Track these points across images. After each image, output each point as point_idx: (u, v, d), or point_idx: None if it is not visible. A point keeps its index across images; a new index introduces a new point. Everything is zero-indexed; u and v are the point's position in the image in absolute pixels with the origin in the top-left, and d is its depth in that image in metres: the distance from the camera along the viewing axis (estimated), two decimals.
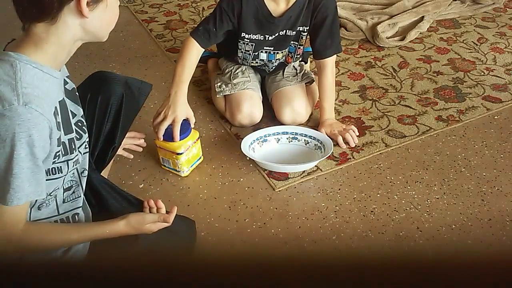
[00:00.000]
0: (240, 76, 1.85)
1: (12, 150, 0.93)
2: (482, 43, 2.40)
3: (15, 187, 0.96)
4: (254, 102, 1.81)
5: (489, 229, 1.45)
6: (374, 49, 2.36)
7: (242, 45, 1.80)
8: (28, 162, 0.96)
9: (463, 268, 0.69)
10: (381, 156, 1.73)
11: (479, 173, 1.65)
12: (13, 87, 0.95)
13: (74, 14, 1.00)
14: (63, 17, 0.99)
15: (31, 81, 0.97)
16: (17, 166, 0.95)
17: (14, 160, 0.94)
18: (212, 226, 1.46)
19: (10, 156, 0.94)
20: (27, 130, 0.93)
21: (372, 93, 2.05)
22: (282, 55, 1.85)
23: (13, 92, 0.94)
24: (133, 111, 1.42)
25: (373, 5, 2.66)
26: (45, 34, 1.01)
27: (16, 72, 0.97)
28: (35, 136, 0.95)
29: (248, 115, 1.80)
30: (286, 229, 1.46)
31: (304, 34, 1.79)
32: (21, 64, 0.98)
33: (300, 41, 1.82)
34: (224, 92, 1.83)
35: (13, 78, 0.96)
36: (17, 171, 0.95)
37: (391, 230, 1.45)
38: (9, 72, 0.96)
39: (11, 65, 0.97)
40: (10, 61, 0.98)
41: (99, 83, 1.35)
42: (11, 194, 0.96)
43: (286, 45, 1.82)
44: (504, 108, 1.95)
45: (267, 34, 1.76)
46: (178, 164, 1.62)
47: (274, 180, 1.62)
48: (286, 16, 1.71)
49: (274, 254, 1.39)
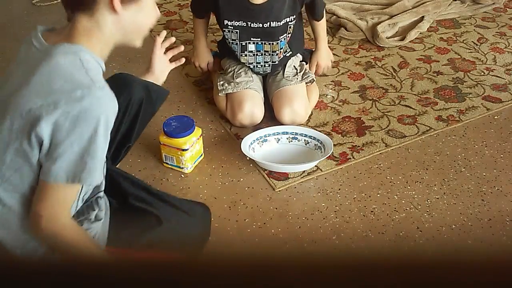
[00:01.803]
0: (243, 76, 1.85)
1: (94, 131, 0.98)
2: (482, 43, 2.40)
3: (91, 166, 1.00)
4: (255, 102, 1.81)
5: (489, 229, 1.45)
6: (374, 49, 2.36)
7: (228, 34, 1.81)
8: (103, 143, 1.01)
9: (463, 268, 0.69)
10: (381, 156, 1.73)
11: (479, 173, 1.65)
12: (86, 73, 1.00)
13: (108, 9, 1.04)
14: (99, 10, 1.04)
15: (94, 69, 1.03)
16: (95, 146, 0.99)
17: (93, 140, 0.99)
18: (212, 226, 1.46)
19: (92, 136, 0.98)
20: (105, 112, 0.99)
21: (372, 93, 2.05)
22: (271, 48, 1.83)
23: (88, 77, 0.99)
24: (149, 115, 1.47)
25: (373, 5, 2.66)
26: (89, 27, 1.05)
27: (82, 60, 1.01)
28: (110, 118, 1.01)
29: (250, 115, 1.80)
30: (286, 229, 1.46)
31: (291, 23, 1.80)
32: (82, 54, 1.02)
33: (289, 30, 1.82)
34: (227, 91, 1.83)
35: (82, 66, 1.00)
36: (94, 151, 1.00)
37: (391, 230, 1.45)
38: (76, 61, 1.01)
39: (75, 55, 1.02)
40: (71, 52, 1.02)
41: (121, 84, 1.38)
42: (86, 173, 1.00)
43: (275, 37, 1.81)
44: (504, 108, 1.95)
45: (249, 21, 1.77)
46: (183, 161, 1.62)
47: (274, 180, 1.62)
48: (268, 6, 1.74)
49: (274, 254, 1.39)
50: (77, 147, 0.99)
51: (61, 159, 0.99)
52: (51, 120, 0.97)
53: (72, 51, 1.02)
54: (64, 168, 0.99)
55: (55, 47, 1.03)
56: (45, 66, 1.01)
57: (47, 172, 1.01)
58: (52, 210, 1.03)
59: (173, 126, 1.61)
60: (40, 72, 1.01)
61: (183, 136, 1.60)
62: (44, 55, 1.03)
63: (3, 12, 2.72)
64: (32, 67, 1.03)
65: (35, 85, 1.00)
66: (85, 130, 0.98)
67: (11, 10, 2.73)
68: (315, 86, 1.94)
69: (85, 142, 0.99)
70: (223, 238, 1.44)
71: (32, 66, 1.03)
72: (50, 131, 0.98)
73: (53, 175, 1.00)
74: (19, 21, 2.61)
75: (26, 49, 1.08)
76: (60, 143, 0.98)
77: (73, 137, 0.98)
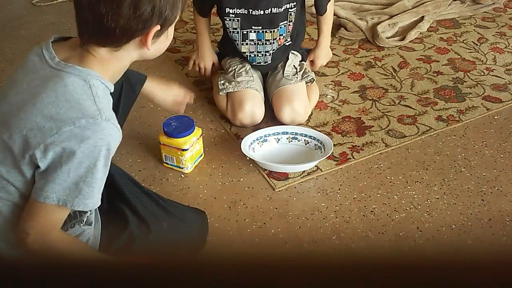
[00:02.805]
0: (244, 75, 1.85)
1: (92, 161, 0.98)
2: (482, 43, 2.40)
3: (85, 194, 1.00)
4: (256, 102, 1.81)
5: (489, 229, 1.45)
6: (374, 49, 2.36)
7: (229, 23, 1.80)
8: (102, 173, 1.01)
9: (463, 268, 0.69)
10: (381, 156, 1.73)
11: (479, 173, 1.65)
12: (93, 102, 0.99)
13: (137, 45, 1.04)
14: (127, 47, 1.04)
15: (102, 96, 1.02)
16: (92, 176, 0.99)
17: (91, 170, 0.98)
18: (212, 226, 1.46)
19: (90, 166, 0.98)
20: (107, 144, 0.99)
21: (372, 93, 2.05)
22: (272, 36, 1.82)
23: (94, 106, 0.98)
24: (130, 99, 1.45)
25: (373, 5, 2.66)
26: (107, 58, 1.04)
27: (91, 87, 1.00)
28: (112, 149, 1.01)
29: (250, 114, 1.80)
30: (286, 229, 1.46)
31: (292, 10, 1.79)
32: (92, 80, 1.01)
33: (289, 17, 1.81)
34: (227, 90, 1.83)
35: (90, 93, 1.00)
36: (91, 180, 0.99)
37: (391, 230, 1.45)
38: (85, 87, 1.00)
39: (84, 80, 1.00)
40: (81, 76, 1.01)
41: None
42: (79, 199, 1.00)
43: (275, 24, 1.80)
44: (504, 108, 1.95)
45: (251, 8, 1.76)
46: (183, 161, 1.62)
47: (274, 180, 1.62)
48: None
49: (274, 254, 1.39)
50: (73, 174, 0.98)
51: (55, 182, 0.98)
52: (51, 144, 0.96)
53: (83, 75, 1.01)
54: (57, 192, 0.99)
55: (66, 68, 1.01)
56: (53, 87, 1.00)
57: (39, 192, 1.00)
58: (40, 229, 1.02)
59: (173, 126, 1.61)
60: (48, 93, 0.99)
61: (183, 136, 1.60)
62: (54, 74, 1.01)
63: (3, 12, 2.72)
64: (40, 83, 1.01)
65: (40, 104, 0.99)
66: (84, 160, 0.98)
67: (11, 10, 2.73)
68: (315, 86, 1.94)
69: (83, 171, 0.98)
70: (223, 238, 1.44)
71: (40, 83, 1.01)
72: (48, 154, 0.97)
73: (44, 196, 0.99)
74: (19, 21, 2.61)
75: (34, 60, 1.06)
76: (56, 168, 0.98)
77: (71, 164, 0.97)
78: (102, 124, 0.98)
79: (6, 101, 1.05)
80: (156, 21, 1.01)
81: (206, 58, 1.96)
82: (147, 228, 1.23)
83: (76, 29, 1.04)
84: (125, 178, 1.34)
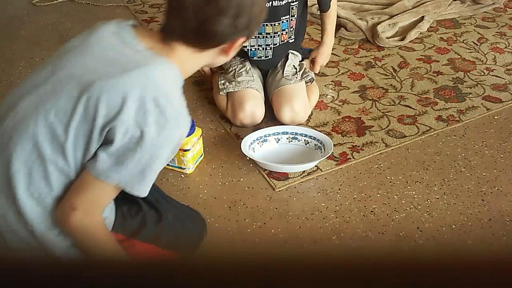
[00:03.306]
0: (244, 75, 1.85)
1: (163, 150, 1.01)
2: (482, 43, 2.40)
3: (147, 180, 1.02)
4: (256, 102, 1.81)
5: (489, 229, 1.45)
6: (374, 49, 2.36)
7: None
8: (164, 162, 1.04)
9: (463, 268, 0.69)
10: (381, 156, 1.73)
11: (479, 173, 1.65)
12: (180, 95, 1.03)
13: (219, 51, 1.08)
14: (210, 51, 1.07)
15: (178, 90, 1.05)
16: (158, 162, 1.02)
17: (159, 157, 1.01)
18: (212, 226, 1.46)
19: (159, 155, 1.01)
20: (180, 136, 1.04)
21: (372, 93, 2.05)
22: (273, 30, 1.82)
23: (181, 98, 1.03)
24: None
25: (373, 5, 2.66)
26: (188, 56, 1.07)
27: (174, 79, 1.04)
28: (181, 142, 1.05)
29: (250, 114, 1.80)
30: (286, 229, 1.46)
31: (293, 4, 1.79)
32: (175, 73, 1.04)
33: (292, 12, 1.81)
34: (228, 89, 1.83)
35: (178, 87, 1.04)
36: (155, 167, 1.02)
37: (391, 230, 1.45)
38: (175, 80, 1.04)
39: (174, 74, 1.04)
40: (171, 71, 1.04)
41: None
42: (140, 185, 1.02)
43: (276, 18, 1.79)
44: (504, 108, 1.95)
45: None
46: (184, 161, 1.63)
47: (274, 180, 1.62)
48: None
49: (274, 254, 1.39)
50: (144, 161, 0.99)
51: (123, 165, 0.98)
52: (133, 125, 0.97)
53: (172, 70, 1.04)
54: (123, 175, 0.99)
55: (156, 57, 1.02)
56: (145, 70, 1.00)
57: (101, 170, 0.98)
58: (88, 206, 1.00)
59: None
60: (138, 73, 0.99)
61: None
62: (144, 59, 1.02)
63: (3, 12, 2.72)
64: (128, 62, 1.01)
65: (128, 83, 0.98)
66: (157, 149, 1.00)
67: (11, 10, 2.73)
68: (315, 86, 1.94)
69: (153, 159, 1.00)
70: (223, 238, 1.44)
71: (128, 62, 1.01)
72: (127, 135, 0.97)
73: (106, 176, 0.98)
74: (19, 21, 2.61)
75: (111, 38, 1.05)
76: (129, 151, 0.98)
77: (144, 151, 0.98)
78: (182, 117, 1.02)
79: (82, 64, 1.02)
80: (246, 33, 1.07)
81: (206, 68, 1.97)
82: (158, 215, 1.22)
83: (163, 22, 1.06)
84: None
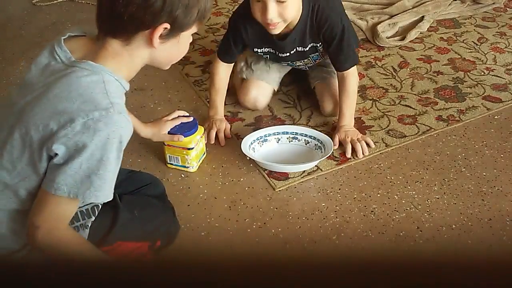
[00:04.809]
0: (261, 65, 1.91)
1: (103, 153, 0.99)
2: (482, 43, 2.40)
3: (96, 186, 1.00)
4: (261, 93, 1.90)
5: (489, 229, 1.45)
6: (374, 49, 2.36)
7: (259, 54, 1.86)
8: (114, 166, 1.01)
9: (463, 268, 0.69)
10: (381, 156, 1.73)
11: (479, 173, 1.65)
12: (106, 96, 1.00)
13: (146, 42, 1.05)
14: (136, 41, 1.05)
15: (115, 92, 1.03)
16: (104, 168, 1.00)
17: (103, 162, 0.99)
18: (212, 226, 1.46)
19: (101, 158, 0.99)
20: (119, 136, 1.00)
21: (372, 93, 2.05)
22: (304, 63, 1.87)
23: (107, 100, 0.99)
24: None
25: (373, 5, 2.66)
26: (120, 52, 1.06)
27: (104, 82, 1.01)
28: (124, 142, 1.02)
29: (253, 102, 1.90)
30: (286, 229, 1.46)
31: (319, 47, 1.78)
32: (106, 75, 1.02)
33: (319, 50, 1.80)
34: (242, 75, 1.92)
35: (103, 87, 1.01)
36: (103, 172, 1.00)
37: (391, 230, 1.45)
38: (98, 82, 1.01)
39: (98, 76, 1.02)
40: (95, 71, 1.02)
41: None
42: (91, 191, 1.00)
43: (305, 56, 1.82)
44: (504, 108, 1.95)
45: (278, 50, 1.79)
46: (188, 160, 1.63)
47: (274, 180, 1.62)
48: (290, 39, 1.72)
49: (274, 254, 1.39)
50: (85, 166, 0.99)
51: (66, 174, 0.99)
52: (65, 137, 0.98)
53: (96, 71, 1.02)
54: (68, 183, 0.99)
55: (79, 63, 1.03)
56: (67, 82, 1.01)
57: (50, 183, 1.00)
58: (50, 223, 1.02)
59: (176, 126, 1.61)
60: (62, 88, 1.01)
61: (187, 135, 1.61)
62: (68, 70, 1.03)
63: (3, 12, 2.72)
64: (54, 80, 1.03)
65: (54, 99, 1.00)
66: (97, 152, 0.98)
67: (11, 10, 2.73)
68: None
69: (95, 163, 0.99)
70: (223, 238, 1.44)
71: (54, 79, 1.03)
72: (62, 148, 0.98)
73: (55, 188, 1.00)
74: (19, 21, 2.61)
75: (48, 59, 1.07)
76: (69, 160, 0.99)
77: (83, 157, 0.98)
78: (115, 117, 0.99)
79: (21, 99, 1.06)
80: (166, 19, 1.02)
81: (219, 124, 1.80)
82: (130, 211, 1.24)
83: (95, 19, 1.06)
84: None
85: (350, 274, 0.69)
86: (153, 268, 0.74)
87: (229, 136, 1.80)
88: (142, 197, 1.35)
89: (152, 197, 1.37)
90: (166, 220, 1.35)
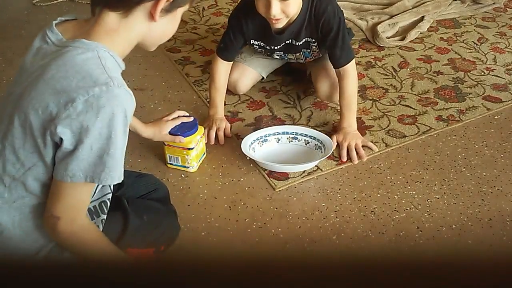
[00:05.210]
0: (251, 52, 1.96)
1: (111, 129, 0.96)
2: (482, 43, 2.40)
3: (110, 166, 0.98)
4: (244, 76, 1.96)
5: (489, 229, 1.45)
6: (374, 49, 2.36)
7: (254, 47, 1.88)
8: (122, 142, 0.99)
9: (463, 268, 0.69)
10: (381, 156, 1.73)
11: (479, 173, 1.65)
12: (104, 71, 0.97)
13: (146, 15, 1.02)
14: (135, 14, 1.01)
15: (112, 67, 1.00)
16: (114, 146, 0.97)
17: (112, 139, 0.96)
18: (212, 226, 1.46)
19: (109, 135, 0.96)
20: (123, 110, 0.96)
21: (372, 93, 2.05)
22: (295, 57, 1.89)
23: (105, 75, 0.96)
24: None
25: (373, 5, 2.66)
26: (116, 26, 1.02)
27: (100, 58, 0.98)
28: (128, 115, 0.98)
29: (233, 85, 1.95)
30: (286, 229, 1.46)
31: (313, 44, 1.80)
32: (100, 51, 0.99)
33: (312, 48, 1.82)
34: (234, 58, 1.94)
35: (100, 63, 0.98)
36: (113, 151, 0.97)
37: (391, 230, 1.45)
38: (94, 58, 0.98)
39: (93, 52, 0.99)
40: (89, 48, 0.99)
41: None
42: (106, 173, 0.98)
43: (297, 50, 1.84)
44: (505, 108, 1.95)
45: (273, 45, 1.82)
46: (188, 160, 1.63)
47: (274, 180, 1.62)
48: (288, 32, 1.76)
49: (274, 254, 1.39)
50: (96, 147, 0.96)
51: (79, 159, 0.96)
52: (68, 118, 0.94)
53: (90, 47, 0.99)
54: (83, 168, 0.97)
55: (72, 42, 1.00)
56: (62, 61, 0.98)
57: (63, 172, 0.98)
58: (70, 212, 1.00)
59: (176, 126, 1.61)
60: (57, 68, 0.97)
61: (188, 135, 1.61)
62: (60, 49, 1.00)
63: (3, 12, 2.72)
64: (48, 61, 1.00)
65: (51, 80, 0.97)
66: (104, 130, 0.96)
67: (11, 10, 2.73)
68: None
69: (105, 142, 0.96)
70: (223, 238, 1.44)
71: (48, 61, 1.00)
72: (67, 131, 0.95)
73: (71, 176, 0.97)
74: (19, 21, 2.61)
75: (40, 43, 1.05)
76: (78, 144, 0.96)
77: (92, 138, 0.95)
78: (115, 91, 0.95)
79: (17, 87, 1.03)
80: None
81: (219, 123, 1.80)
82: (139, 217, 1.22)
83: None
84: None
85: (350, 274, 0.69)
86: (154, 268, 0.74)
87: (229, 135, 1.79)
88: (147, 202, 1.34)
89: (155, 201, 1.35)
90: (170, 224, 1.33)
